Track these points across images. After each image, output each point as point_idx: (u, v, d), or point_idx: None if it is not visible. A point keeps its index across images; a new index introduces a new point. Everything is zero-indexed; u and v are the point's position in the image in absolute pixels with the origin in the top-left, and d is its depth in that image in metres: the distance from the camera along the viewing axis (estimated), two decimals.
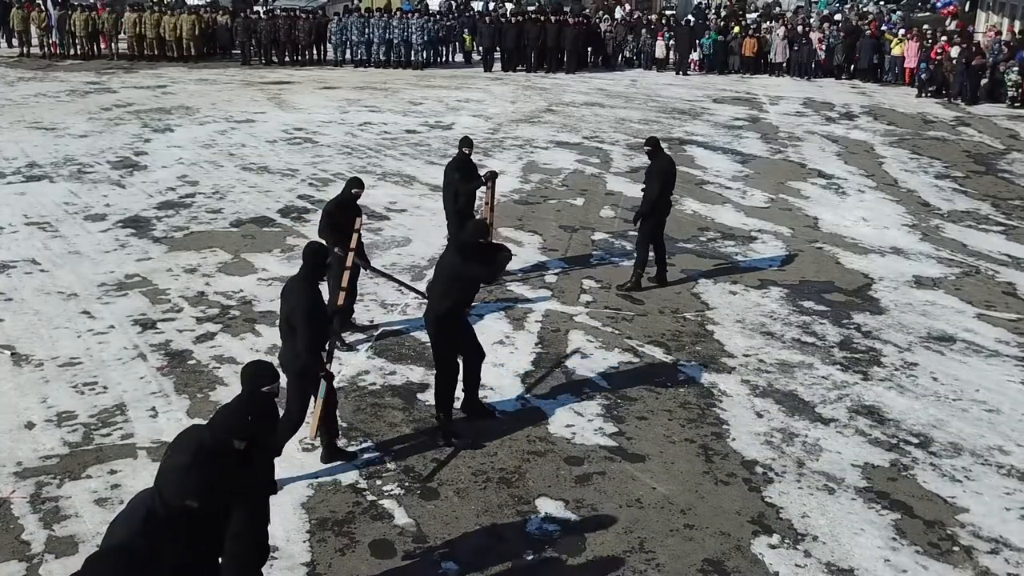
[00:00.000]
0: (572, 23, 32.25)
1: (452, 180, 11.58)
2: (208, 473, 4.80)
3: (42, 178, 16.93)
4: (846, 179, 18.36)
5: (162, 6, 33.90)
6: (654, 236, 11.93)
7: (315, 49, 33.16)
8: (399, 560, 6.75)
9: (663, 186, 11.58)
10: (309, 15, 33.38)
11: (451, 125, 22.72)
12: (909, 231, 15.03)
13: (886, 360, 10.26)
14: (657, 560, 6.81)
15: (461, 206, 11.60)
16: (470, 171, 11.70)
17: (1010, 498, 7.76)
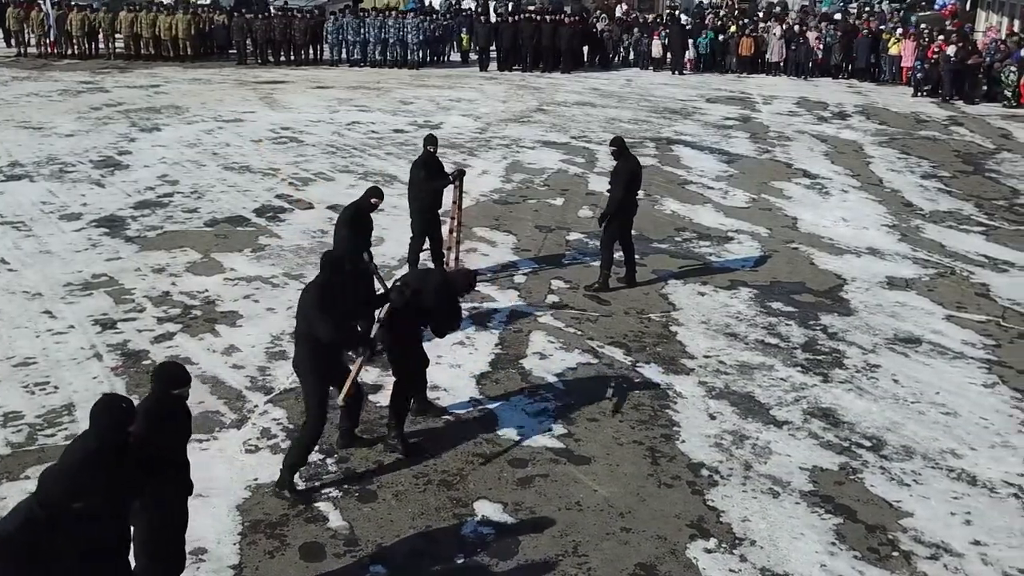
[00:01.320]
0: (568, 22, 32.08)
1: (417, 178, 11.52)
2: (93, 475, 4.74)
3: (22, 177, 16.94)
4: (831, 179, 18.25)
5: (159, 6, 33.81)
6: (621, 237, 11.86)
7: (311, 49, 33.02)
8: (329, 563, 6.71)
9: (628, 186, 11.50)
10: (305, 15, 33.28)
11: (440, 124, 22.67)
12: (888, 231, 14.92)
13: (848, 362, 10.16)
14: (589, 564, 6.74)
15: (426, 205, 11.51)
16: (436, 169, 11.63)
17: (956, 502, 7.66)
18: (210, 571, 6.59)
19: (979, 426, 8.88)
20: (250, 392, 9.06)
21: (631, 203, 11.69)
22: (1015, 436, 8.71)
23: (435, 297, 7.84)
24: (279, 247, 13.40)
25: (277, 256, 12.97)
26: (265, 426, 8.51)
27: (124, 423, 4.95)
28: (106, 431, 4.91)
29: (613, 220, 11.68)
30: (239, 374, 9.44)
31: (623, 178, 11.53)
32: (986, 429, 8.85)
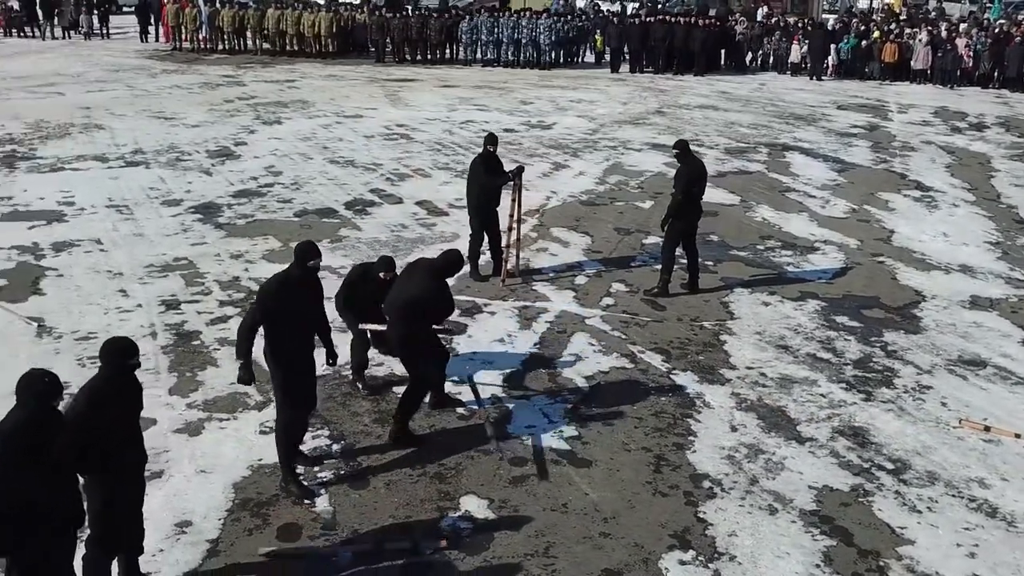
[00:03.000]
0: (702, 24, 31.61)
1: (477, 175, 11.63)
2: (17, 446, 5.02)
3: (140, 164, 17.85)
4: (944, 192, 17.51)
5: (304, 4, 35.01)
6: (684, 242, 11.72)
7: (446, 48, 33.57)
8: (301, 544, 6.86)
9: (686, 190, 11.31)
10: (442, 14, 33.88)
11: (552, 125, 22.78)
12: (989, 249, 14.23)
13: (898, 381, 9.76)
14: (555, 566, 6.72)
15: (481, 202, 11.63)
16: (495, 167, 11.72)
17: (966, 533, 7.29)
18: (188, 543, 6.86)
19: (1020, 456, 8.38)
20: None
21: (693, 207, 11.48)
22: None
23: (421, 285, 7.90)
24: (356, 239, 13.73)
25: (352, 248, 13.30)
26: None
27: (47, 395, 5.20)
28: (29, 403, 5.18)
29: (674, 224, 11.51)
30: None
31: (682, 181, 11.37)
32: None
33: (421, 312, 7.93)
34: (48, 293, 11.44)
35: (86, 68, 30.35)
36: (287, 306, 7.04)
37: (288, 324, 7.07)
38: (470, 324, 10.89)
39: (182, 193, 15.96)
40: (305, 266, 7.16)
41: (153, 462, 7.66)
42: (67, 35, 38.11)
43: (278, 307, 7.01)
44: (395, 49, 33.47)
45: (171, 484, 7.56)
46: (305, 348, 7.31)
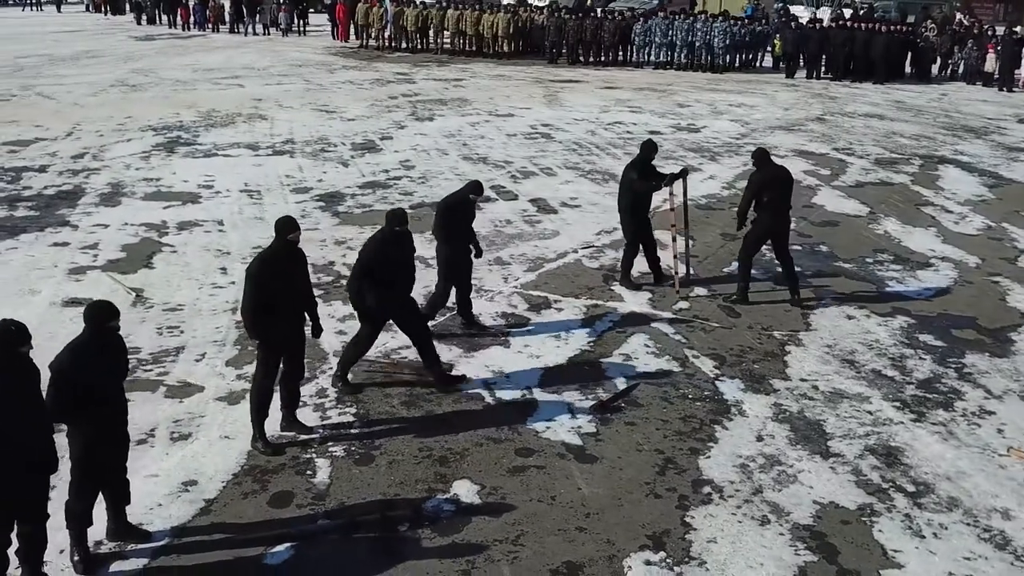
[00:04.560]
0: (885, 31, 30.46)
1: (629, 179, 11.71)
2: None
3: (285, 153, 18.87)
4: None
5: (483, 4, 35.87)
6: (775, 251, 11.59)
7: (620, 50, 33.68)
8: (287, 512, 7.29)
9: (754, 196, 11.10)
10: (616, 16, 34.02)
11: (701, 128, 22.57)
12: None
13: (959, 405, 9.34)
14: (518, 555, 6.86)
15: (628, 205, 11.71)
16: (648, 172, 11.74)
17: (965, 563, 6.96)
18: (187, 501, 7.38)
19: None
20: (335, 357, 9.78)
21: (769, 215, 11.25)
22: None
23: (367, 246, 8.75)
24: None
25: None
26: (324, 386, 9.19)
27: (12, 343, 5.78)
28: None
29: (750, 231, 11.33)
30: (338, 340, 10.18)
31: (751, 188, 11.16)
32: None
33: (360, 269, 8.53)
34: (157, 267, 12.35)
35: (273, 63, 32.10)
36: (272, 279, 7.46)
37: (272, 296, 7.48)
38: (533, 318, 11.06)
39: (314, 182, 16.78)
40: (285, 240, 7.55)
41: (186, 426, 8.32)
42: (267, 31, 40.36)
43: (267, 282, 7.43)
44: (569, 50, 33.70)
45: (193, 447, 8.10)
46: (287, 320, 7.69)
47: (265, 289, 7.50)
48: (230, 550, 6.76)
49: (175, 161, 17.93)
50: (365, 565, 6.65)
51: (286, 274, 7.64)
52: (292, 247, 7.71)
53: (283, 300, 7.60)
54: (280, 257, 7.64)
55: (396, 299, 8.79)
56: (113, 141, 19.49)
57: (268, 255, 7.75)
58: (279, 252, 7.69)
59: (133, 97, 24.94)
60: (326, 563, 6.67)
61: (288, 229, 7.70)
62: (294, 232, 7.66)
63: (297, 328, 7.92)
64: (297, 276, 7.81)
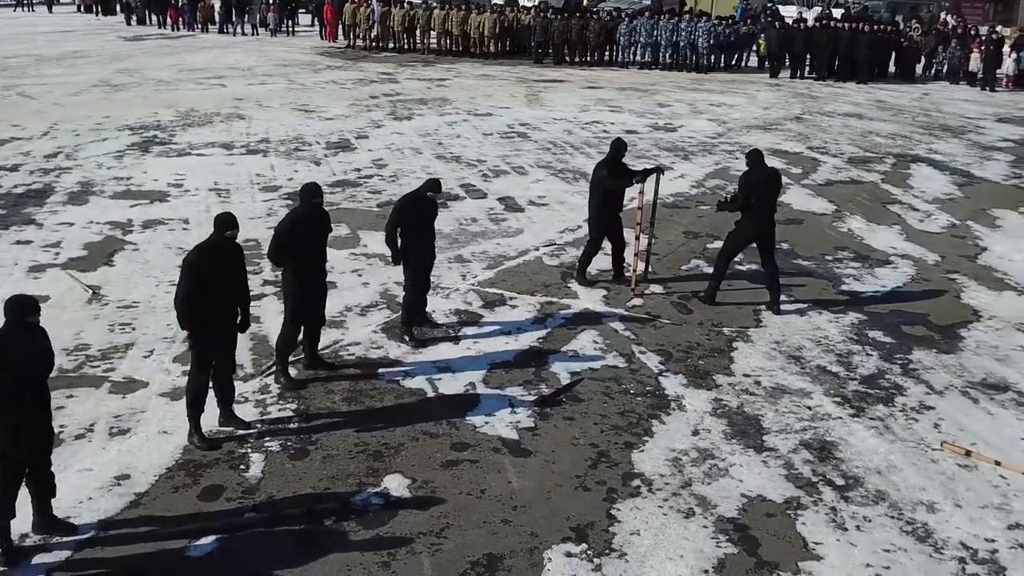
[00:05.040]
0: (868, 31, 30.54)
1: (600, 177, 11.77)
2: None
3: (259, 152, 18.95)
4: None
5: (470, 4, 35.95)
6: (761, 256, 11.61)
7: (605, 50, 33.75)
8: (214, 505, 7.37)
9: (744, 196, 11.10)
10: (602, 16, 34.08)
11: (678, 128, 22.63)
12: None
13: (900, 400, 9.43)
14: (441, 547, 6.94)
15: (596, 204, 11.79)
16: (618, 170, 11.79)
17: (885, 556, 7.04)
18: (117, 494, 7.47)
19: (989, 484, 7.99)
20: None
21: (755, 217, 11.20)
22: (1023, 502, 7.72)
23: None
24: None
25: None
26: (268, 383, 9.27)
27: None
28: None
29: (733, 233, 11.37)
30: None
31: (743, 190, 11.18)
32: (995, 488, 7.93)
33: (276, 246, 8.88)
34: (117, 265, 12.43)
35: (259, 63, 32.20)
36: (210, 272, 7.56)
37: (206, 289, 7.57)
38: (486, 315, 11.14)
39: (284, 180, 16.87)
40: (223, 235, 7.66)
41: (126, 421, 8.41)
42: (255, 32, 40.45)
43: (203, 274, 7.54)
44: (555, 51, 33.78)
45: (130, 442, 8.19)
46: (220, 314, 7.79)
47: (199, 281, 7.58)
48: (155, 542, 6.85)
49: (148, 160, 18.02)
50: (286, 557, 6.72)
51: (222, 268, 7.73)
52: (230, 242, 7.79)
53: (217, 294, 7.69)
54: (218, 251, 7.74)
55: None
56: (88, 141, 19.58)
57: (206, 247, 7.85)
58: (217, 246, 7.79)
59: (115, 97, 25.03)
60: (248, 555, 6.75)
61: (226, 226, 7.82)
62: (232, 229, 7.78)
63: (230, 323, 7.99)
64: (233, 271, 7.89)
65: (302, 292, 8.85)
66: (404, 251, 9.83)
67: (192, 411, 7.93)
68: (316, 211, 8.94)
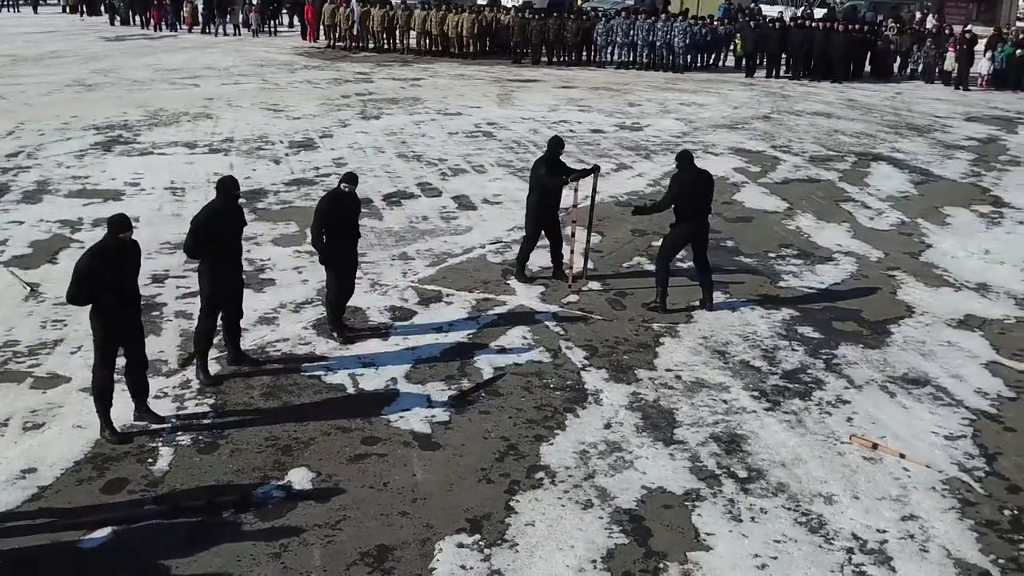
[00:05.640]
0: (842, 30, 30.65)
1: (538, 175, 11.85)
2: None
3: (220, 151, 19.04)
4: (1020, 209, 16.63)
5: (449, 5, 36.04)
6: (694, 257, 11.67)
7: (583, 50, 33.85)
8: (115, 497, 7.46)
9: (673, 199, 11.19)
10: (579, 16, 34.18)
11: (644, 127, 22.74)
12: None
13: (817, 395, 9.52)
14: (334, 538, 7.03)
15: (544, 204, 11.89)
16: (556, 168, 11.86)
17: (775, 546, 7.14)
18: (20, 487, 7.56)
19: (891, 477, 8.09)
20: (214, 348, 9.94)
21: (688, 220, 11.30)
22: (920, 495, 7.84)
23: None
24: (372, 229, 14.30)
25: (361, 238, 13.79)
26: (189, 378, 9.37)
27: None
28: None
29: (668, 236, 11.46)
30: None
31: (671, 190, 11.37)
32: (896, 481, 8.03)
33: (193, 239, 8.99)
34: (60, 263, 12.52)
35: (236, 63, 32.30)
36: (105, 273, 7.65)
37: (106, 289, 7.67)
38: (420, 312, 11.23)
39: (240, 179, 16.82)
40: (116, 237, 7.75)
41: (42, 416, 8.52)
42: (237, 32, 40.55)
43: (96, 274, 7.63)
44: (532, 51, 33.87)
45: (43, 436, 8.29)
46: (126, 313, 7.90)
47: (86, 282, 7.68)
48: (50, 534, 6.94)
49: (108, 159, 18.13)
50: (178, 548, 6.82)
51: (115, 270, 7.81)
52: (123, 243, 7.89)
53: (110, 293, 7.78)
54: (109, 252, 7.82)
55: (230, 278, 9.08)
56: (52, 140, 19.68)
57: (98, 250, 7.94)
58: (109, 248, 7.88)
59: (86, 97, 25.13)
60: (140, 547, 6.85)
61: (120, 228, 7.90)
62: (125, 232, 7.86)
63: (132, 320, 8.08)
64: (127, 272, 7.98)
65: (218, 285, 8.95)
66: (328, 250, 9.88)
67: (99, 405, 8.03)
68: (233, 205, 9.01)
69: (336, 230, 9.86)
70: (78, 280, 7.72)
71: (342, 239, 9.94)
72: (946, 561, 7.01)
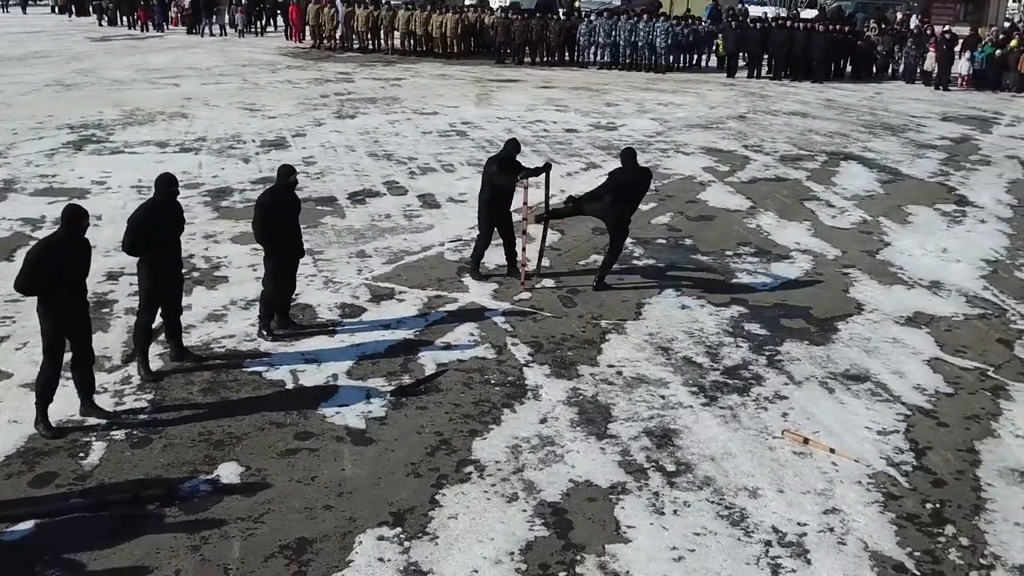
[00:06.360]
0: (822, 30, 30.75)
1: (490, 173, 11.94)
2: None
3: (191, 150, 19.11)
4: (982, 208, 16.69)
5: (433, 5, 36.14)
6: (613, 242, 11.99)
7: (565, 50, 33.94)
8: (44, 491, 7.52)
9: (607, 192, 11.41)
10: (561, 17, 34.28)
11: (619, 127, 22.81)
12: (981, 267, 13.54)
13: (756, 391, 9.59)
14: (255, 531, 7.09)
15: (496, 202, 12.06)
16: (509, 167, 11.96)
17: (693, 539, 7.21)
18: None
19: (818, 471, 8.16)
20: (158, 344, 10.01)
21: (610, 203, 11.55)
22: (845, 488, 7.92)
23: None
24: (333, 227, 14.40)
25: (320, 235, 13.94)
26: (131, 374, 9.44)
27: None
28: None
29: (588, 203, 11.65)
30: None
31: (607, 184, 11.65)
32: (823, 475, 8.10)
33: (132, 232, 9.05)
34: (17, 260, 12.51)
35: (219, 63, 32.38)
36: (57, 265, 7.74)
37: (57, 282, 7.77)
38: (370, 309, 11.30)
39: (208, 178, 17.03)
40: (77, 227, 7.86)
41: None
42: (224, 32, 40.62)
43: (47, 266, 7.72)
44: (515, 51, 33.96)
45: None
46: (76, 306, 7.98)
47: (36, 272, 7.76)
48: None
49: (78, 158, 18.19)
50: (99, 540, 6.89)
51: (67, 262, 7.90)
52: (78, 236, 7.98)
53: (62, 286, 7.86)
54: (62, 245, 7.92)
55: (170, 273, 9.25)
56: (25, 139, 19.74)
57: (52, 241, 8.02)
58: (62, 240, 7.97)
59: (64, 96, 25.19)
60: (62, 539, 6.91)
61: (76, 219, 7.99)
62: (84, 220, 8.10)
63: (82, 315, 8.15)
64: (79, 265, 8.06)
65: (156, 281, 9.02)
66: (272, 247, 9.95)
67: (40, 401, 8.10)
68: (171, 202, 9.09)
69: (276, 227, 9.91)
70: (28, 269, 7.78)
71: (283, 236, 10.00)
72: (862, 553, 7.06)
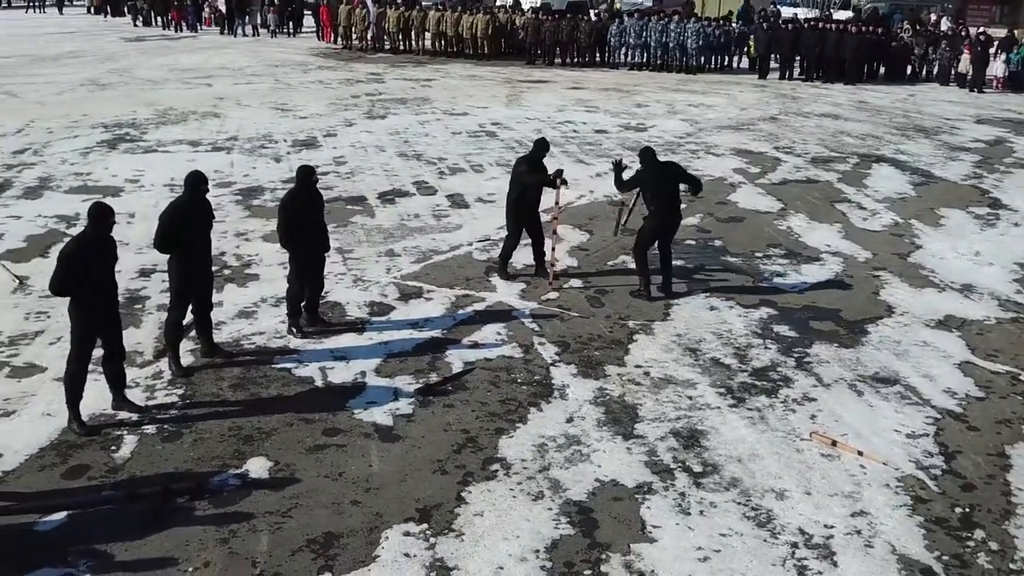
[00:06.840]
0: (854, 31, 30.56)
1: (519, 172, 11.98)
2: None
3: (223, 150, 19.27)
4: (1016, 211, 16.54)
5: (464, 6, 36.21)
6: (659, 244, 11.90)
7: (596, 51, 33.92)
8: (78, 482, 7.63)
9: (633, 187, 11.44)
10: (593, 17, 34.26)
11: (649, 128, 22.77)
12: (1014, 271, 13.41)
13: (784, 393, 9.56)
14: (283, 525, 7.16)
15: (512, 199, 12.05)
16: (537, 168, 12.00)
17: (719, 539, 7.20)
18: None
19: (846, 473, 8.13)
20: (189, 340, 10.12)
21: (659, 212, 11.62)
22: (873, 491, 7.88)
23: None
24: (362, 226, 14.48)
25: (350, 234, 14.03)
26: (162, 369, 9.54)
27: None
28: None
29: (642, 230, 11.66)
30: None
31: (630, 183, 11.66)
32: (851, 477, 8.07)
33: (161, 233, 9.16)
34: (52, 256, 12.66)
35: (251, 63, 32.61)
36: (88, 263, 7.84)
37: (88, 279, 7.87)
38: (399, 308, 11.36)
39: (240, 177, 17.17)
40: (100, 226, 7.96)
41: (15, 404, 8.72)
42: (256, 33, 40.91)
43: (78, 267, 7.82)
44: (545, 52, 33.98)
45: (12, 423, 8.48)
46: (104, 303, 8.08)
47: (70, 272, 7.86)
48: (6, 517, 7.08)
49: (112, 157, 18.38)
50: (129, 533, 6.97)
51: (97, 259, 8.00)
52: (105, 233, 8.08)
53: (94, 284, 7.95)
54: (92, 243, 8.02)
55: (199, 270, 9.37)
56: (60, 138, 19.98)
57: (82, 240, 8.13)
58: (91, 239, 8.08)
59: (98, 96, 25.47)
60: (93, 531, 7.00)
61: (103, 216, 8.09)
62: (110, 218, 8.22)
63: (111, 311, 8.25)
64: (108, 262, 8.17)
65: (186, 278, 9.12)
66: (295, 246, 10.03)
67: (69, 396, 8.18)
68: (200, 199, 9.18)
69: (299, 227, 9.98)
70: (60, 272, 7.90)
71: (306, 236, 10.07)
72: (890, 557, 7.02)
